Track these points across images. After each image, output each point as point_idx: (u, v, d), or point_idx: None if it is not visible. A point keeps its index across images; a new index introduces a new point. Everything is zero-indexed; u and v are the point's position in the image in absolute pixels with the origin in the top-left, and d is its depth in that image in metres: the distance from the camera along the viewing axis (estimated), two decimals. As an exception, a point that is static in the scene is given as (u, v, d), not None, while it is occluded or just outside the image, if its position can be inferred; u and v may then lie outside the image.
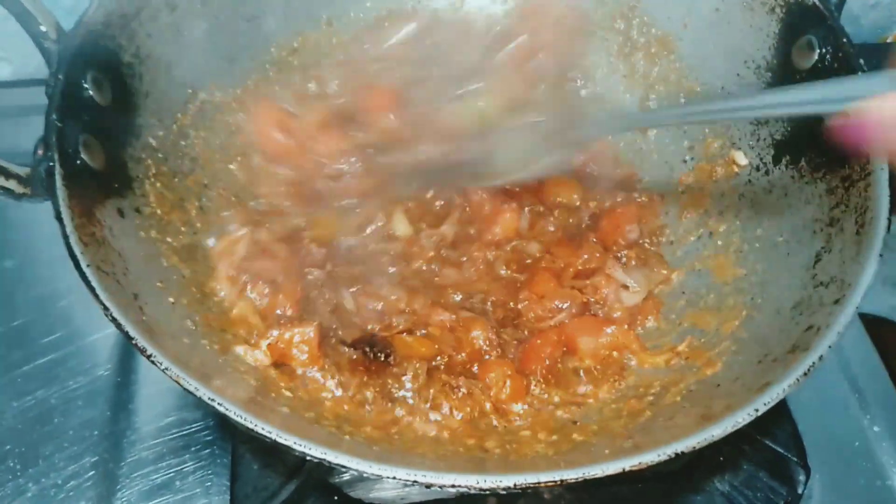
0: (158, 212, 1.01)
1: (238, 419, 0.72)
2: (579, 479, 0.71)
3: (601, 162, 1.24)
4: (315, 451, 0.71)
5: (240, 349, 0.94)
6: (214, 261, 1.04)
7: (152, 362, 0.75)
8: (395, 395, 0.97)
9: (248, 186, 1.15)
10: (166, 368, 0.75)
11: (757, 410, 0.76)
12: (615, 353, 1.04)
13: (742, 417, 0.75)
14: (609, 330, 1.05)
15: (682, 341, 1.04)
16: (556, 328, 1.05)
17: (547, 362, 1.01)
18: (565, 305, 1.07)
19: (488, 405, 0.97)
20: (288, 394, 0.92)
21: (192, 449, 1.07)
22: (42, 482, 1.03)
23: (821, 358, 0.79)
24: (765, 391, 0.78)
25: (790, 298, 0.92)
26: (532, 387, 1.01)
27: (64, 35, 0.94)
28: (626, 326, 1.07)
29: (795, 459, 1.04)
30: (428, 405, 0.96)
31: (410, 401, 0.97)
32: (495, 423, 0.97)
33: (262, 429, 0.72)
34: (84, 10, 0.96)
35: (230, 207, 1.11)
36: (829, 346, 0.80)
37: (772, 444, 1.04)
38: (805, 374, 0.78)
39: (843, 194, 0.95)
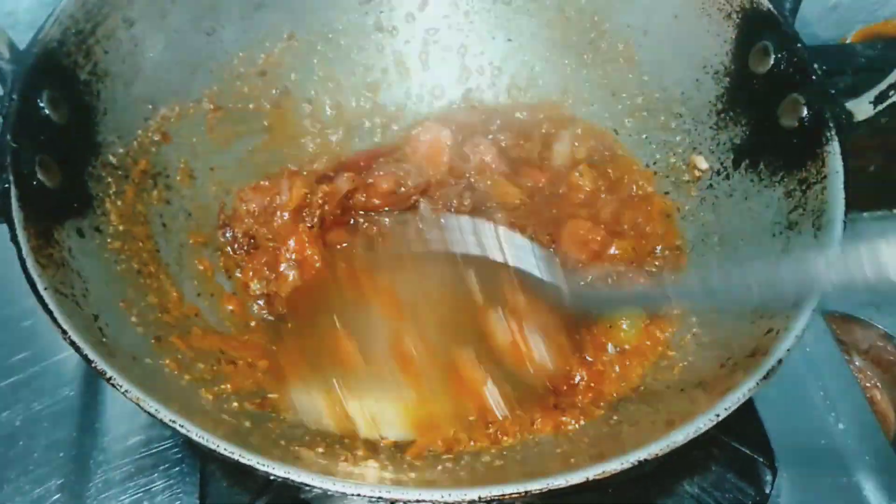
0: (121, 229, 1.00)
1: (199, 440, 0.72)
2: (543, 490, 0.71)
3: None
4: (278, 471, 0.71)
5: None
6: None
7: (112, 385, 0.75)
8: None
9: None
10: (126, 391, 0.74)
11: (718, 416, 0.77)
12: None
13: (703, 423, 0.76)
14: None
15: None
16: None
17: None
18: None
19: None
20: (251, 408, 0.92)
21: (161, 468, 1.06)
22: (7, 506, 1.02)
23: (780, 361, 0.80)
24: (726, 395, 0.79)
25: (751, 303, 0.93)
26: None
27: (18, 53, 0.93)
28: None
29: (762, 460, 1.05)
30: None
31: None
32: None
33: (225, 449, 0.72)
34: (38, 28, 0.95)
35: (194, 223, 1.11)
36: (788, 350, 0.81)
37: (739, 445, 1.05)
38: (765, 377, 0.79)
39: (800, 197, 0.96)
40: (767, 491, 1.05)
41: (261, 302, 1.09)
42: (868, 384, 1.32)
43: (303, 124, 1.28)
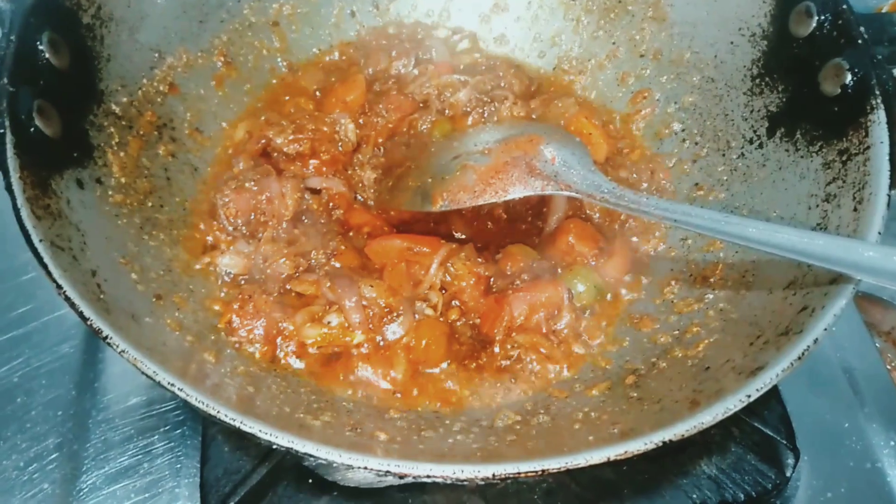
0: (123, 182, 0.96)
1: (199, 405, 0.68)
2: (561, 469, 0.67)
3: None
4: (282, 440, 0.67)
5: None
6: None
7: (109, 345, 0.71)
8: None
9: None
10: (123, 351, 0.70)
11: (749, 396, 0.72)
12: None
13: (733, 403, 0.72)
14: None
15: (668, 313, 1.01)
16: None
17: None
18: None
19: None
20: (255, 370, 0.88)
21: (162, 429, 1.03)
22: (3, 464, 0.99)
23: (815, 341, 0.76)
24: (757, 376, 0.74)
25: (783, 277, 0.88)
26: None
27: (18, -7, 0.88)
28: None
29: (784, 442, 1.01)
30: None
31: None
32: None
33: (226, 416, 0.68)
34: (39, -33, 0.90)
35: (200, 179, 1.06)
36: (825, 329, 0.76)
37: (761, 426, 1.01)
38: (799, 357, 0.75)
39: (840, 169, 0.91)
40: (788, 474, 1.01)
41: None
42: (889, 366, 1.28)
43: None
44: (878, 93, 0.89)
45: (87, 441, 1.02)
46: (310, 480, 0.98)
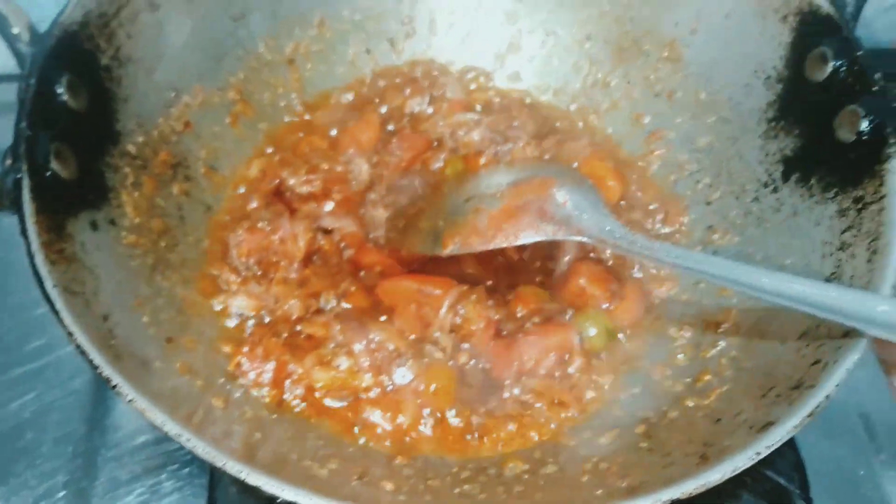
0: (136, 222, 0.96)
1: (205, 456, 0.69)
2: (568, 527, 0.67)
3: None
4: (287, 494, 0.67)
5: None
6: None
7: (117, 393, 0.71)
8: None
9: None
10: (132, 400, 0.70)
11: (758, 454, 0.72)
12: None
13: (742, 461, 0.71)
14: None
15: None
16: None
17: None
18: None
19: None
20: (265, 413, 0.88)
21: (170, 468, 1.03)
22: (11, 500, 0.99)
23: (827, 397, 0.75)
24: (767, 431, 0.74)
25: (796, 327, 0.87)
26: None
27: (38, 37, 0.89)
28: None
29: (798, 491, 1.00)
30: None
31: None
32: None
33: (231, 467, 0.68)
34: (60, 10, 0.92)
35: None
36: (837, 385, 0.75)
37: (773, 474, 1.00)
38: (810, 414, 0.74)
39: (854, 217, 0.90)
40: (802, 524, 1.00)
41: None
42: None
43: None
44: (893, 141, 0.89)
45: (95, 479, 1.02)
46: (317, 523, 0.98)
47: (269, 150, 1.18)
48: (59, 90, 0.88)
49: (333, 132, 1.21)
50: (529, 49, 1.30)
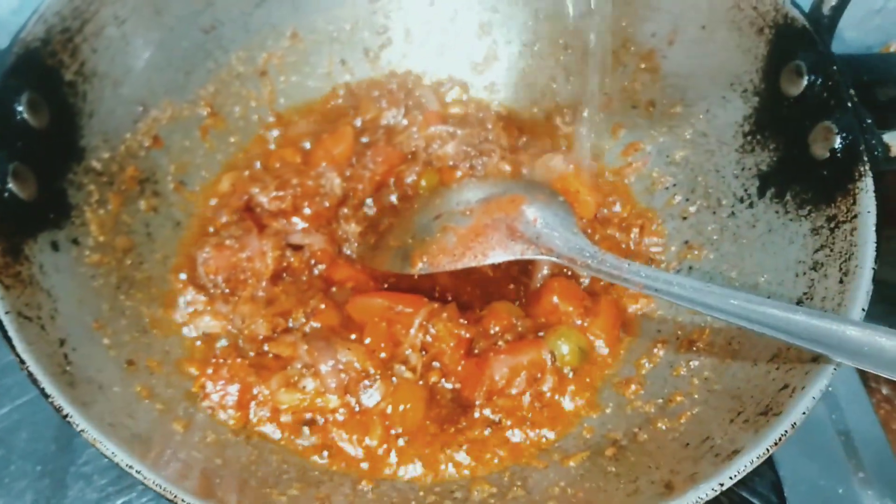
0: (101, 240, 0.95)
1: (157, 489, 0.67)
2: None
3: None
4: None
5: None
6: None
7: (68, 423, 0.70)
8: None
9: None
10: (83, 430, 0.69)
11: (722, 485, 0.71)
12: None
13: (706, 492, 0.70)
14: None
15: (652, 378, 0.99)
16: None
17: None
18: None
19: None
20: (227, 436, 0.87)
21: (139, 487, 1.02)
22: (-22, 521, 0.99)
23: (793, 426, 0.74)
24: (733, 460, 0.73)
25: (767, 349, 0.86)
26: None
27: (-3, 54, 0.88)
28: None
29: (773, 512, 0.99)
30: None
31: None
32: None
33: (184, 501, 0.67)
34: (20, 26, 0.90)
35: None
36: (804, 413, 0.74)
37: (749, 496, 0.99)
38: (776, 443, 0.73)
39: (828, 236, 0.88)
40: (777, 545, 0.98)
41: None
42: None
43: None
44: (865, 159, 0.87)
45: (63, 498, 1.01)
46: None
47: (241, 163, 1.16)
48: (19, 108, 0.87)
49: (307, 145, 1.19)
50: (506, 60, 1.29)
